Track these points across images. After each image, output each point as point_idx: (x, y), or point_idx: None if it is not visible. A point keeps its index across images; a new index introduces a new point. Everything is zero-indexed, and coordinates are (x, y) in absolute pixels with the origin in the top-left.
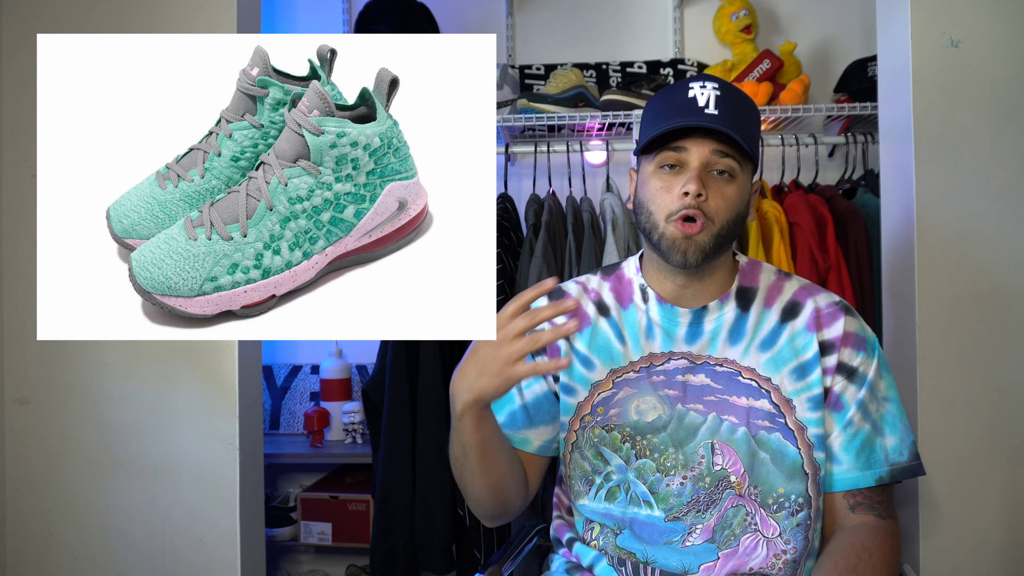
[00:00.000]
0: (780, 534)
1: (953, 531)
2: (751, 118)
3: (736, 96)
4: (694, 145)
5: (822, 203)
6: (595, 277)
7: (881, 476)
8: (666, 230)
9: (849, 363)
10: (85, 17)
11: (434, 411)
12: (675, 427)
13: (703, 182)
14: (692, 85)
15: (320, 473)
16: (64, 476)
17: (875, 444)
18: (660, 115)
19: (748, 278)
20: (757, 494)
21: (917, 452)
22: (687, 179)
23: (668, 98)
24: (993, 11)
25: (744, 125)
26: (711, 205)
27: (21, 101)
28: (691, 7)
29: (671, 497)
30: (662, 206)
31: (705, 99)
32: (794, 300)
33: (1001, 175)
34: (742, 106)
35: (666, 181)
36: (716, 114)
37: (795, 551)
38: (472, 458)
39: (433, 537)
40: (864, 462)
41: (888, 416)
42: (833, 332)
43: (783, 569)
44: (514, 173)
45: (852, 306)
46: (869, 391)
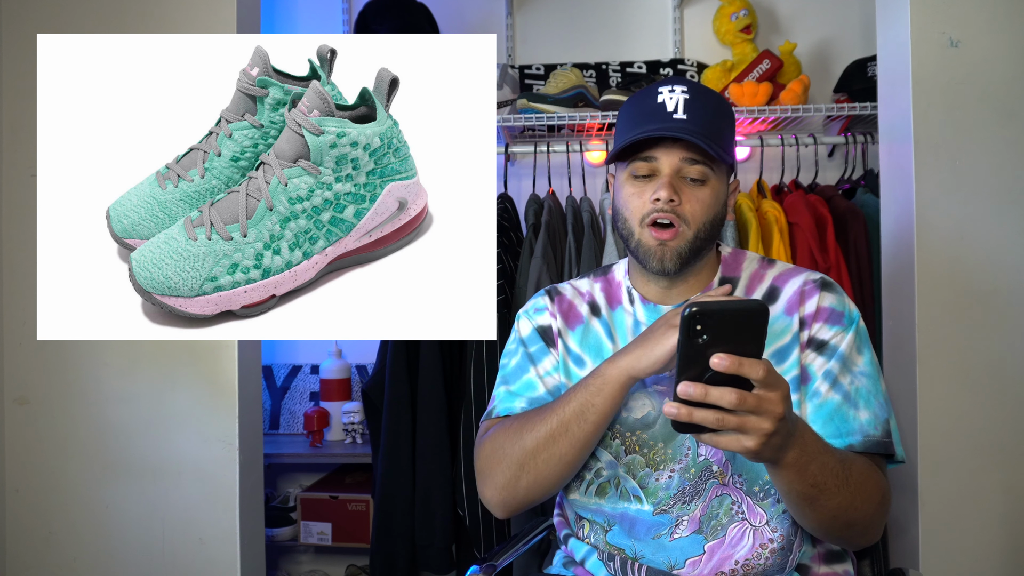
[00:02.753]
0: (767, 522)
1: (953, 531)
2: (723, 118)
3: (706, 97)
4: (664, 154)
5: (822, 203)
6: (587, 280)
7: (852, 445)
8: (641, 236)
9: (820, 336)
10: (85, 17)
11: (434, 411)
12: (664, 422)
13: (675, 187)
14: (661, 90)
15: (320, 473)
16: (64, 476)
17: (847, 415)
18: (632, 121)
19: (731, 268)
20: (743, 482)
21: (890, 431)
22: (658, 185)
23: (639, 103)
24: (993, 11)
25: (714, 127)
26: (686, 209)
27: (21, 101)
28: (691, 7)
29: (660, 491)
30: (635, 211)
31: (674, 104)
32: (773, 286)
33: (1001, 175)
34: (713, 107)
35: (638, 187)
36: (685, 119)
37: (782, 539)
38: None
39: (433, 537)
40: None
41: (862, 391)
42: (808, 308)
43: (770, 558)
44: (514, 173)
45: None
46: (840, 363)
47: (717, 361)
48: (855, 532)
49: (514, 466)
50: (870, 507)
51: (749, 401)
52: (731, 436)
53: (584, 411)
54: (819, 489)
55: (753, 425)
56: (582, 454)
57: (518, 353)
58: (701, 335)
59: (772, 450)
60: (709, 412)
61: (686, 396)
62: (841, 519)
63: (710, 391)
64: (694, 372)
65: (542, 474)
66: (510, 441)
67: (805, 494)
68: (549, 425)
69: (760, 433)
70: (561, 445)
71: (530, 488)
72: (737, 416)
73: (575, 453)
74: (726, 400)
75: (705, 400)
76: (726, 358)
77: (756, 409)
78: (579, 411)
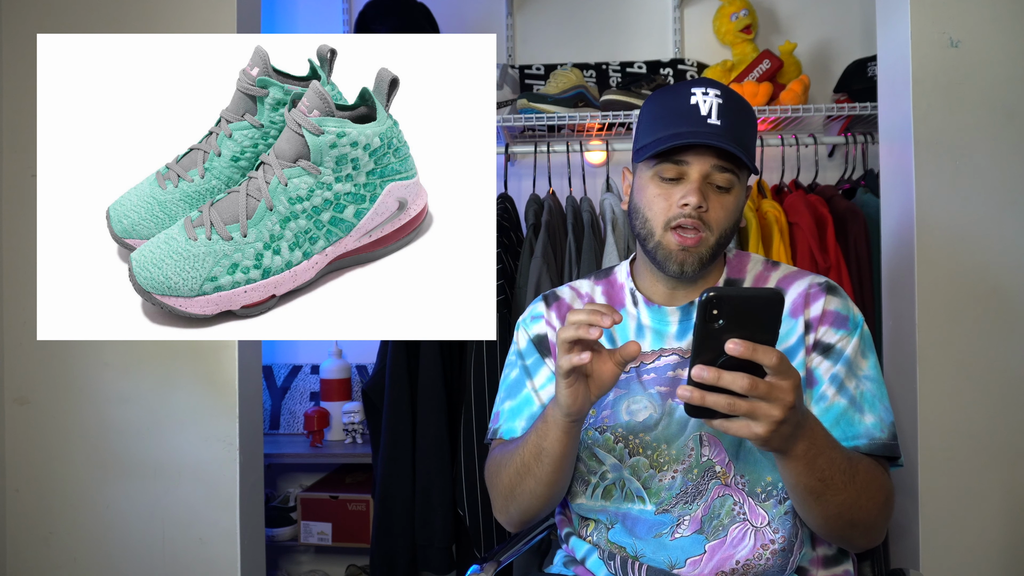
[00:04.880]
0: (768, 523)
1: (953, 531)
2: (750, 126)
3: (737, 103)
4: (696, 159)
5: (822, 203)
6: (587, 282)
7: (858, 448)
8: (663, 239)
9: (826, 340)
10: (85, 17)
11: (434, 411)
12: (666, 423)
13: (703, 193)
14: (695, 91)
15: (320, 473)
16: (64, 476)
17: (853, 419)
18: (661, 120)
19: (735, 270)
20: (745, 483)
21: (895, 434)
22: (687, 190)
23: (668, 102)
24: (993, 11)
25: (744, 135)
26: (711, 216)
27: (21, 101)
28: (691, 7)
29: (663, 491)
30: (659, 213)
31: (708, 108)
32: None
33: (1001, 175)
34: (743, 114)
35: (664, 189)
36: (719, 125)
37: (783, 539)
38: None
39: (433, 537)
40: (840, 434)
41: (867, 395)
42: (814, 311)
43: (771, 559)
44: (514, 173)
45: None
46: (846, 367)
47: (731, 346)
48: (858, 532)
49: (503, 496)
50: (874, 507)
51: (761, 387)
52: (741, 422)
53: (539, 453)
54: (826, 484)
55: (764, 411)
56: (554, 489)
57: (516, 366)
58: (717, 320)
59: (781, 439)
60: (721, 396)
61: (699, 379)
62: (846, 517)
63: (723, 375)
64: (708, 356)
65: (523, 504)
66: (496, 473)
67: (812, 488)
68: (515, 464)
69: (770, 420)
70: (528, 483)
71: (522, 514)
72: (748, 402)
73: (544, 489)
74: (738, 385)
75: (718, 384)
76: (740, 343)
77: (767, 396)
78: (535, 453)
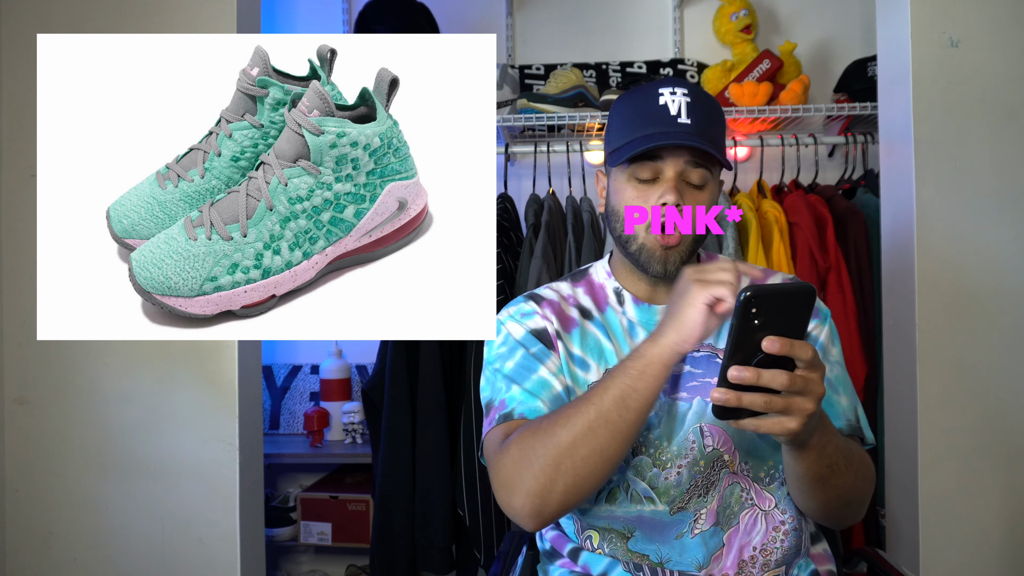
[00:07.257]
0: (776, 505)
1: (953, 531)
2: (719, 122)
3: (705, 100)
4: (670, 157)
5: (822, 203)
6: (565, 284)
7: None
8: (645, 241)
9: None
10: (85, 17)
11: (434, 411)
12: (666, 420)
13: (679, 192)
14: (662, 91)
15: (320, 473)
16: (64, 476)
17: (831, 400)
18: (632, 122)
19: None
20: (749, 469)
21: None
22: (664, 190)
23: (638, 103)
24: (993, 11)
25: (714, 131)
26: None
27: (21, 101)
28: (691, 7)
29: (671, 488)
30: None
31: (676, 107)
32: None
33: (1001, 175)
34: (711, 111)
35: (641, 191)
36: (689, 123)
37: (792, 520)
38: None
39: (433, 537)
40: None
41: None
42: None
43: (784, 541)
44: (514, 173)
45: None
46: (821, 352)
47: (769, 344)
48: (851, 512)
49: (548, 468)
50: (867, 486)
51: (797, 382)
52: (774, 419)
53: (625, 398)
54: (832, 469)
55: (799, 406)
56: (624, 447)
57: (517, 353)
58: (756, 318)
59: (808, 431)
60: (758, 395)
61: (738, 380)
62: (844, 498)
63: (762, 374)
64: (741, 356)
65: (581, 474)
66: (541, 441)
67: (820, 475)
68: (587, 416)
69: (804, 413)
70: (602, 438)
71: (567, 491)
72: (783, 397)
73: (617, 446)
74: (777, 382)
75: (757, 383)
76: (778, 340)
77: (803, 390)
78: (620, 398)
